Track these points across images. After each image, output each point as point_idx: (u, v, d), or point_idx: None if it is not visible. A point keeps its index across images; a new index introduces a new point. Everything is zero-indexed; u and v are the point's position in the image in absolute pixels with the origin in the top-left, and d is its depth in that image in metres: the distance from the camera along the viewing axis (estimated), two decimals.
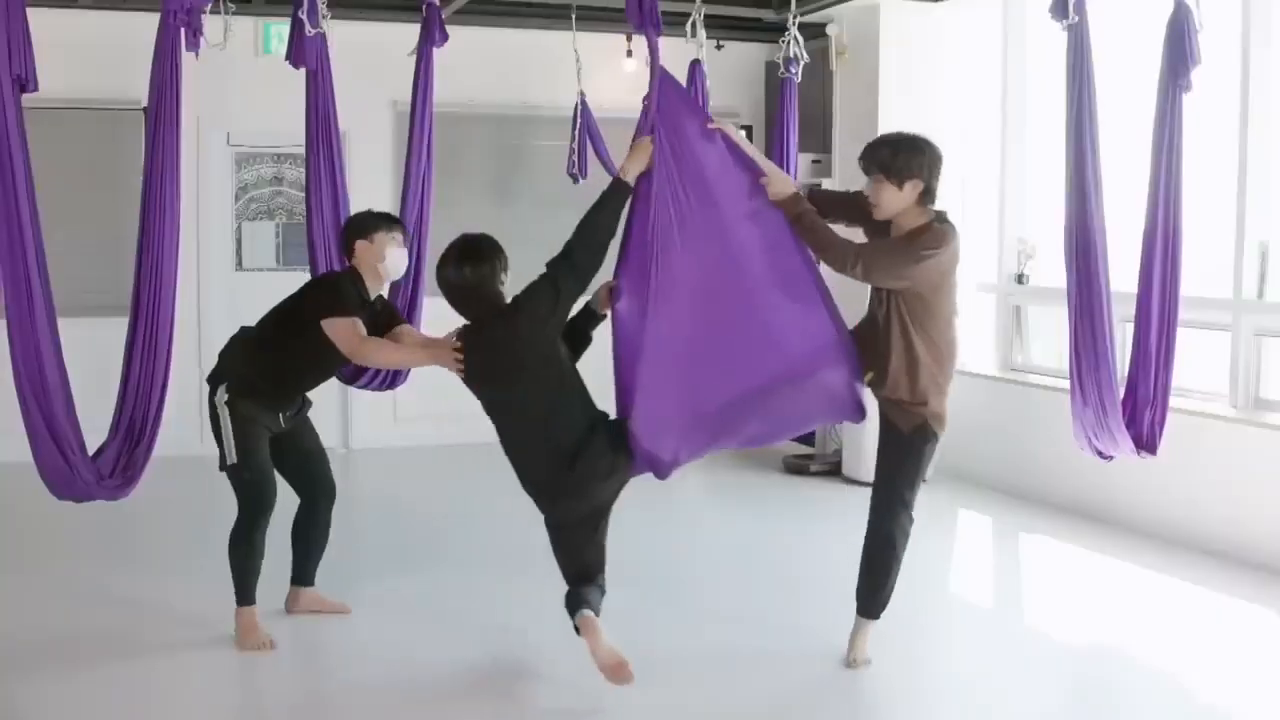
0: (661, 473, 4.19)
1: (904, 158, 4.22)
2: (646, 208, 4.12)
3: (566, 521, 4.23)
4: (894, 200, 4.22)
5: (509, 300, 4.09)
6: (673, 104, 4.25)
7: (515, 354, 4.03)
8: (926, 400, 4.25)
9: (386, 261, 4.62)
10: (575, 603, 4.17)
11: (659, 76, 4.26)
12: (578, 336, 4.22)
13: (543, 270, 4.06)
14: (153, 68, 4.08)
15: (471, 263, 4.03)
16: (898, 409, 4.30)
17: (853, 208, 4.45)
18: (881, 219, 4.29)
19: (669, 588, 5.52)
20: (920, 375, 4.22)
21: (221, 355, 4.67)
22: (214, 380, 4.56)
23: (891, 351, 4.22)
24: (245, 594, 4.64)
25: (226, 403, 4.49)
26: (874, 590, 4.45)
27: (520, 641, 4.75)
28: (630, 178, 4.13)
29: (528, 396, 4.05)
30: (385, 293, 4.98)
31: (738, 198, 4.22)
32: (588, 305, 4.25)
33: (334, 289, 4.57)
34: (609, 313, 4.23)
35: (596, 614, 4.12)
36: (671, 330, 4.08)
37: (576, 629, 4.14)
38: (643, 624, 4.96)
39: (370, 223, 4.66)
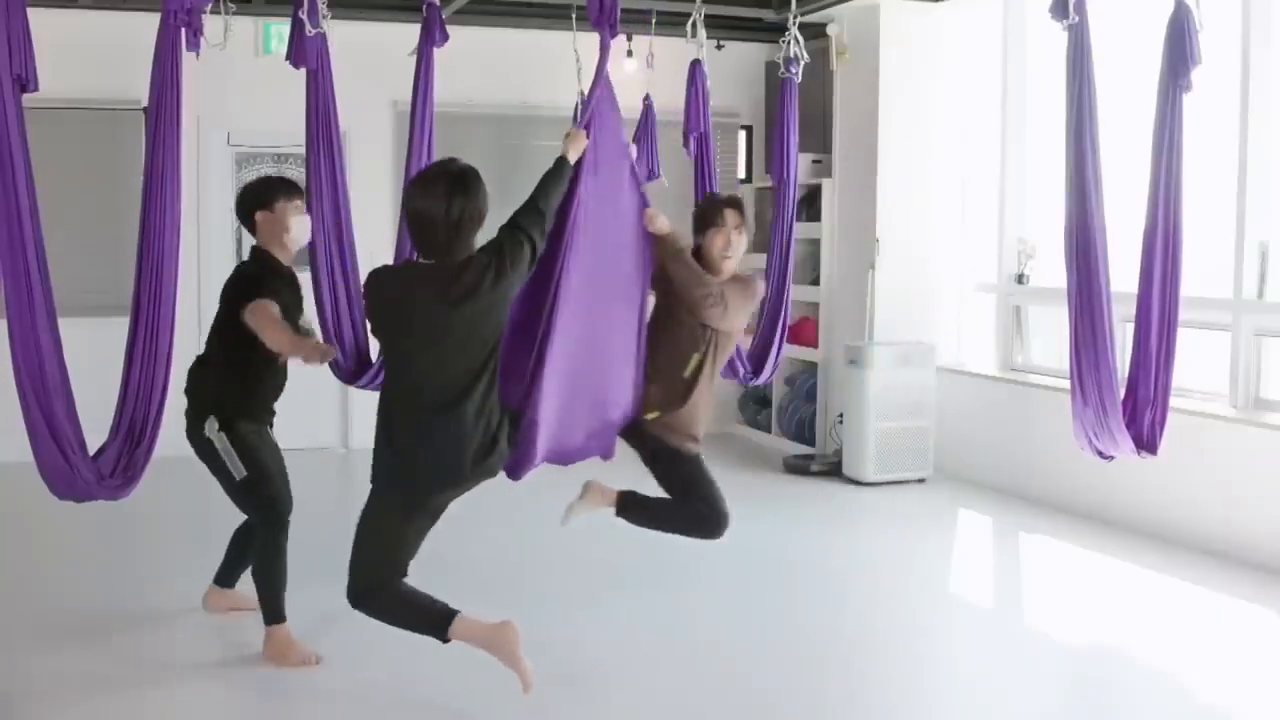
0: (521, 473, 4.12)
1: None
2: (566, 205, 4.22)
3: (429, 511, 3.90)
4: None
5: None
6: (607, 113, 4.41)
7: (476, 309, 3.69)
8: (698, 438, 4.62)
9: (292, 231, 4.53)
10: (434, 611, 3.83)
11: (603, 82, 4.38)
12: None
13: (505, 229, 3.92)
14: (153, 68, 4.08)
15: (464, 196, 3.71)
16: (675, 434, 4.56)
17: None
18: (731, 269, 4.61)
19: (668, 587, 5.52)
20: (706, 413, 4.63)
21: (192, 389, 4.55)
22: (195, 415, 4.47)
23: (696, 390, 4.54)
24: (278, 613, 4.51)
25: (219, 430, 4.42)
26: (653, 517, 4.68)
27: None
28: (571, 160, 4.22)
29: (472, 363, 3.71)
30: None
31: (626, 221, 4.39)
32: None
33: (250, 280, 4.42)
34: None
35: None
36: (564, 331, 4.14)
37: (446, 639, 3.82)
38: (642, 623, 4.96)
39: (267, 192, 4.58)
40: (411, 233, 3.80)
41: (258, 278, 4.44)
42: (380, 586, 3.86)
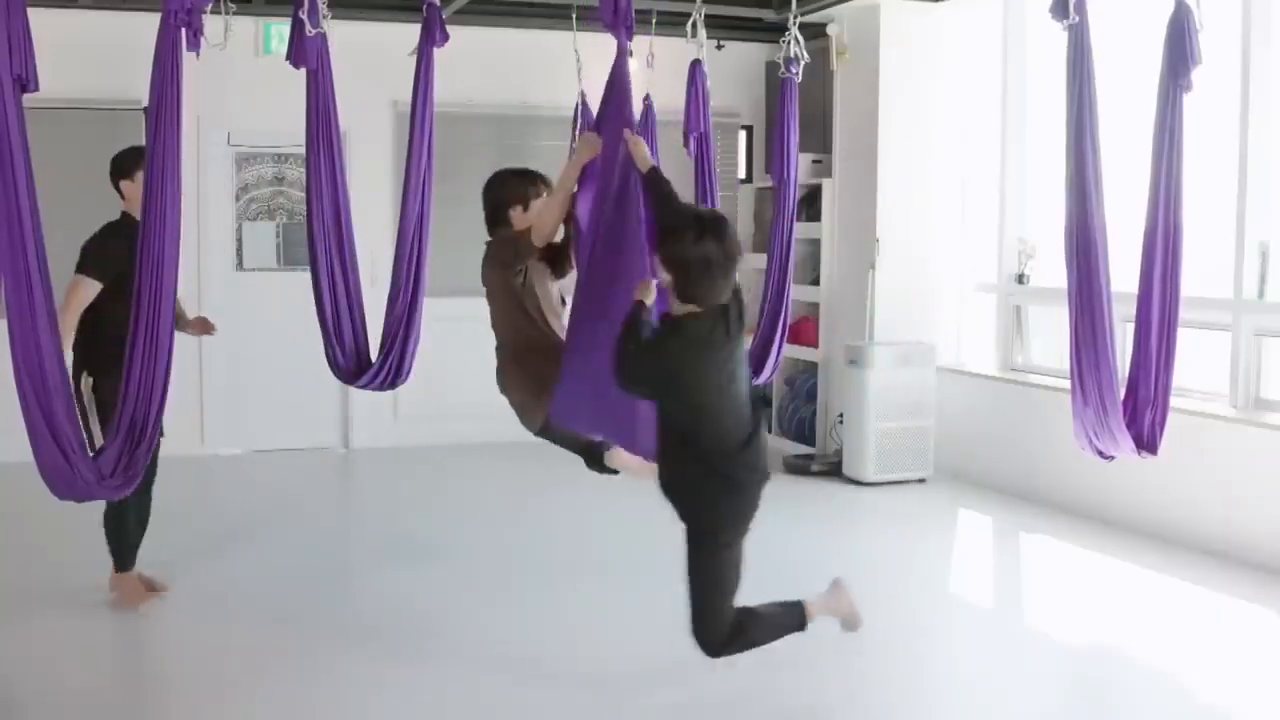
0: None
1: None
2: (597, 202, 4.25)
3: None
4: None
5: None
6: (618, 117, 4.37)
7: (743, 336, 3.89)
8: None
9: None
10: (789, 615, 4.11)
11: (625, 86, 4.35)
12: None
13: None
14: (153, 68, 4.07)
15: (731, 238, 3.73)
16: None
17: None
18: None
19: (669, 586, 5.51)
20: None
21: (74, 344, 4.86)
22: (74, 370, 4.73)
23: None
24: (126, 562, 5.02)
25: (93, 388, 4.69)
26: None
27: (520, 641, 4.75)
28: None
29: (749, 385, 3.94)
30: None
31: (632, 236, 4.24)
32: None
33: (89, 245, 4.83)
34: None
35: None
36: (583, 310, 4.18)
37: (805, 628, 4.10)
38: (643, 623, 4.96)
39: (129, 162, 4.96)
40: (689, 279, 3.69)
41: (100, 244, 4.88)
42: (738, 626, 3.89)
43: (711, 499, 3.81)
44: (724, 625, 3.85)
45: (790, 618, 4.03)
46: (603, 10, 4.42)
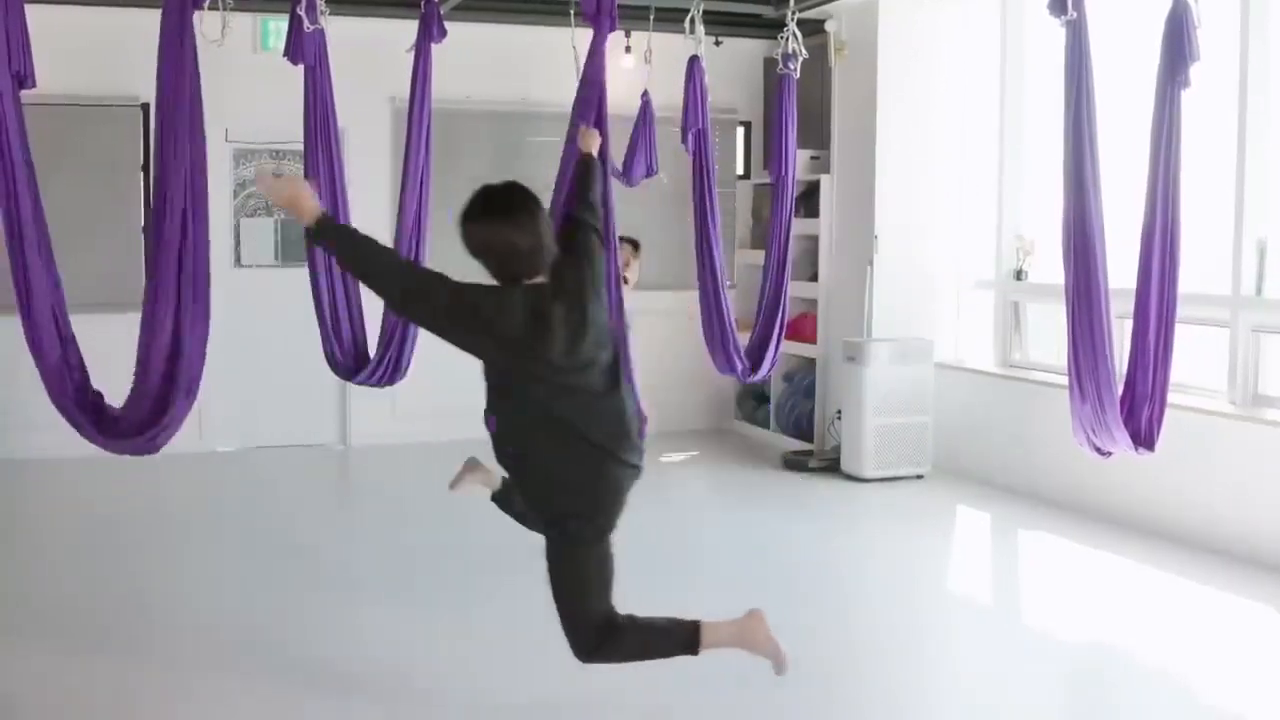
0: None
1: None
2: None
3: None
4: None
5: None
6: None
7: None
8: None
9: None
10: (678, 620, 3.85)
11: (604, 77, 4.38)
12: None
13: None
14: (159, 59, 4.10)
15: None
16: None
17: None
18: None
19: (668, 585, 5.51)
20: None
21: None
22: None
23: None
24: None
25: None
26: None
27: (519, 639, 4.75)
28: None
29: None
30: None
31: None
32: None
33: None
34: None
35: None
36: None
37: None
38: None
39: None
40: None
41: None
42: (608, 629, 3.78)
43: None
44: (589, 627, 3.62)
45: (677, 636, 3.69)
46: (585, 2, 4.39)
